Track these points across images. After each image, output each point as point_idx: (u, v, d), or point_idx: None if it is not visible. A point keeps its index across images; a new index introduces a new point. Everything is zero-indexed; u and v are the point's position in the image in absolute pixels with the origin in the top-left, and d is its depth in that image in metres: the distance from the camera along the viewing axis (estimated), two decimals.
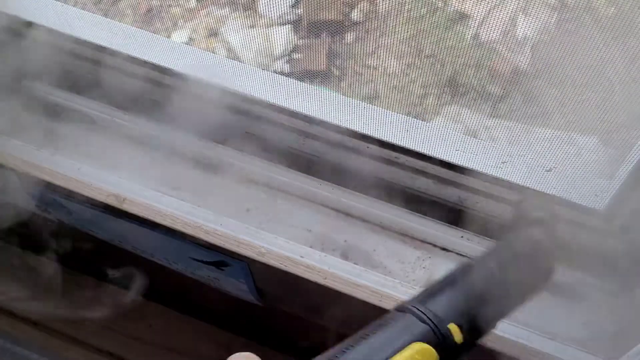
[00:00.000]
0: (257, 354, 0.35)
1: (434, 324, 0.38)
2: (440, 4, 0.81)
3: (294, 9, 0.96)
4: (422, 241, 0.64)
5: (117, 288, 0.98)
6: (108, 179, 0.65)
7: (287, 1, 0.91)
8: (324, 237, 0.63)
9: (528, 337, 0.56)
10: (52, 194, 0.70)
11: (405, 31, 0.64)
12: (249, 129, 0.67)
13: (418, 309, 0.38)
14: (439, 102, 0.76)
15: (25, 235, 0.97)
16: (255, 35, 0.98)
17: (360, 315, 0.61)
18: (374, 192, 0.65)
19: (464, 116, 0.71)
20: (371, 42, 0.89)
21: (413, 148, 0.60)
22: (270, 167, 0.67)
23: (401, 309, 0.39)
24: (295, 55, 1.00)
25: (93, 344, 0.94)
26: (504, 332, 0.55)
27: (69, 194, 0.65)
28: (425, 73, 0.82)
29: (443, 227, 0.63)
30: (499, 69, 0.83)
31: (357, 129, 0.61)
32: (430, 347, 0.36)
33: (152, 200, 0.63)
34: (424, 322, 0.38)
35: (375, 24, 0.90)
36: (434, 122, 0.75)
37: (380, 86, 0.80)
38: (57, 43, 0.69)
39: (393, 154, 0.62)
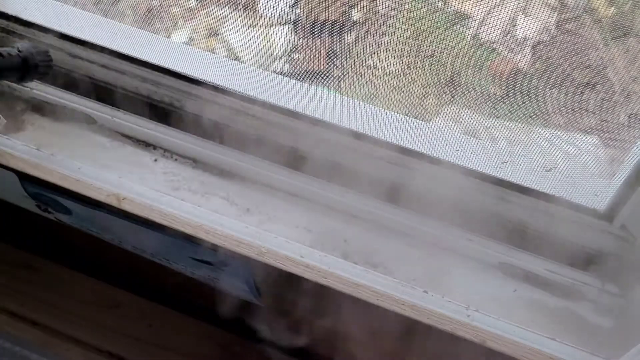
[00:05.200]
0: (257, 354, 0.36)
1: None
2: (440, 4, 0.81)
3: (294, 9, 0.96)
4: (421, 240, 0.64)
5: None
6: (108, 178, 0.65)
7: (287, 1, 0.91)
8: (324, 237, 0.63)
9: (528, 337, 0.56)
10: (52, 194, 0.70)
11: (405, 31, 0.64)
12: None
13: None
14: (439, 102, 0.76)
15: (24, 234, 0.97)
16: (255, 35, 0.98)
17: (360, 315, 0.61)
18: (373, 191, 0.65)
19: (464, 116, 0.71)
20: (371, 42, 0.89)
21: (413, 148, 0.60)
22: (270, 167, 0.67)
23: None
24: (295, 55, 1.00)
25: (93, 344, 0.94)
26: (505, 331, 0.55)
27: (69, 194, 0.65)
28: (425, 73, 0.82)
29: (448, 229, 0.63)
30: (499, 69, 0.83)
31: (358, 130, 0.61)
32: None
33: (151, 200, 0.63)
34: None
35: (375, 24, 0.90)
36: (434, 122, 0.75)
37: (380, 86, 0.80)
38: None
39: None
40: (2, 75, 0.65)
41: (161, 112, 0.70)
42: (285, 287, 0.65)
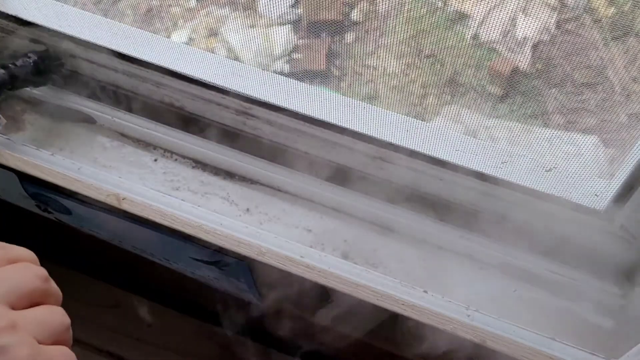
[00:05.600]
0: (258, 354, 0.36)
1: None
2: (440, 4, 0.81)
3: (293, 9, 0.96)
4: (421, 240, 0.64)
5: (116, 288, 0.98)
6: (108, 178, 0.65)
7: (287, 1, 0.91)
8: (324, 237, 0.63)
9: (528, 337, 0.56)
10: (52, 194, 0.70)
11: (405, 31, 0.64)
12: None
13: None
14: (439, 102, 0.76)
15: (24, 234, 0.97)
16: (255, 35, 0.98)
17: (360, 314, 0.61)
18: (372, 192, 0.65)
19: (464, 116, 0.71)
20: (371, 42, 0.89)
21: (413, 148, 0.60)
22: (270, 167, 0.67)
23: None
24: (295, 55, 1.00)
25: (93, 344, 0.94)
26: (505, 331, 0.55)
27: (69, 194, 0.65)
28: (425, 73, 0.82)
29: (448, 229, 0.63)
30: (499, 69, 0.83)
31: (358, 130, 0.61)
32: None
33: (151, 200, 0.63)
34: None
35: (375, 24, 0.90)
36: (434, 122, 0.75)
37: (380, 86, 0.80)
38: None
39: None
40: (17, 85, 0.68)
41: (161, 112, 0.70)
42: (285, 286, 0.65)
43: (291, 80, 0.64)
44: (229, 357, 0.93)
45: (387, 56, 0.81)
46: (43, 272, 0.35)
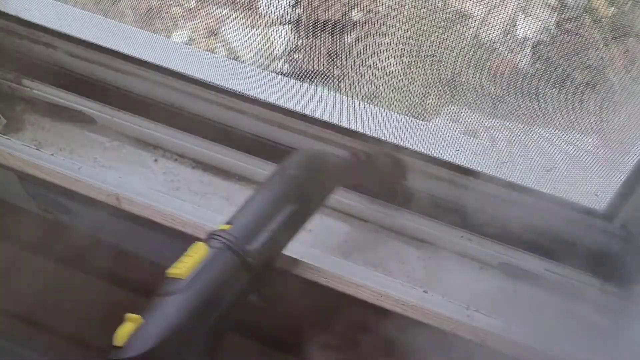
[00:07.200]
0: (257, 353, 0.36)
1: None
2: (440, 4, 0.81)
3: (293, 9, 0.96)
4: (422, 241, 0.64)
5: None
6: (108, 178, 0.65)
7: (287, 1, 0.91)
8: (324, 237, 0.63)
9: (529, 337, 0.56)
10: (52, 194, 0.70)
11: (405, 31, 0.64)
12: None
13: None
14: (439, 102, 0.76)
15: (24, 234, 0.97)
16: (255, 35, 0.98)
17: (359, 315, 0.61)
18: (372, 191, 0.65)
19: (464, 116, 0.71)
20: (371, 42, 0.89)
21: (414, 148, 0.60)
22: (270, 167, 0.67)
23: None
24: (295, 55, 1.00)
25: (93, 344, 0.94)
26: (505, 332, 0.55)
27: (69, 194, 0.65)
28: (425, 73, 0.82)
29: (442, 227, 0.63)
30: (499, 69, 0.83)
31: (358, 129, 0.61)
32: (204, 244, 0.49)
33: (151, 200, 0.63)
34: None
35: (375, 24, 0.90)
36: (434, 122, 0.75)
37: (380, 86, 0.80)
38: None
39: None
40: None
41: (160, 112, 0.70)
42: (285, 286, 0.65)
43: (291, 80, 0.64)
44: (229, 357, 0.93)
45: (387, 56, 0.82)
46: None
